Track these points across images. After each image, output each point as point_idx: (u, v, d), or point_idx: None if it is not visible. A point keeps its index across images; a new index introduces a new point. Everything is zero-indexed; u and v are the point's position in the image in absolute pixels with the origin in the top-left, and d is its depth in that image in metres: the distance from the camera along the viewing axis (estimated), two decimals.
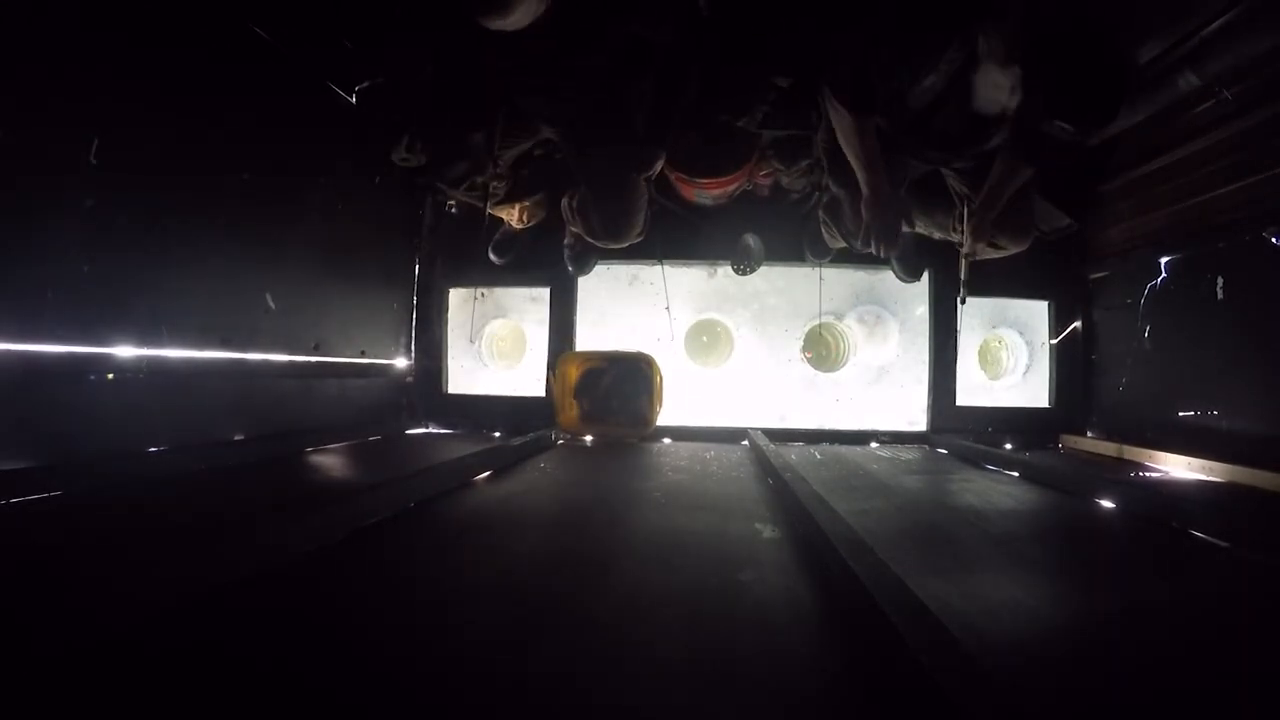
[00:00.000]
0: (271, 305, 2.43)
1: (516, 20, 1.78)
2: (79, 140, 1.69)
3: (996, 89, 1.88)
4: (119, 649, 0.84)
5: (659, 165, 2.61)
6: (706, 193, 3.14)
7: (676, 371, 3.59)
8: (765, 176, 3.23)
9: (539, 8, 1.80)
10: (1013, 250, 2.60)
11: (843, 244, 3.03)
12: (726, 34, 2.55)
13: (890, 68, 1.98)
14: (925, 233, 2.91)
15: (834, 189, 2.68)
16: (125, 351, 1.87)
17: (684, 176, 2.96)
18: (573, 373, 3.25)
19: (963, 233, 2.54)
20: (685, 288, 3.67)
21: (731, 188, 3.15)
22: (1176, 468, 2.47)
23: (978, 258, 2.75)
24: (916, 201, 2.90)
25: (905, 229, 3.02)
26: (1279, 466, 2.10)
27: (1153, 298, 2.79)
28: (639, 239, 2.87)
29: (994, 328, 3.62)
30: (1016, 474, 2.41)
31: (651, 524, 1.62)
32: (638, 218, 2.73)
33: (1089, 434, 3.22)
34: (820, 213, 3.05)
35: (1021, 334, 3.53)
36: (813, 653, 0.92)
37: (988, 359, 3.77)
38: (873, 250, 2.71)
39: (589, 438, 3.24)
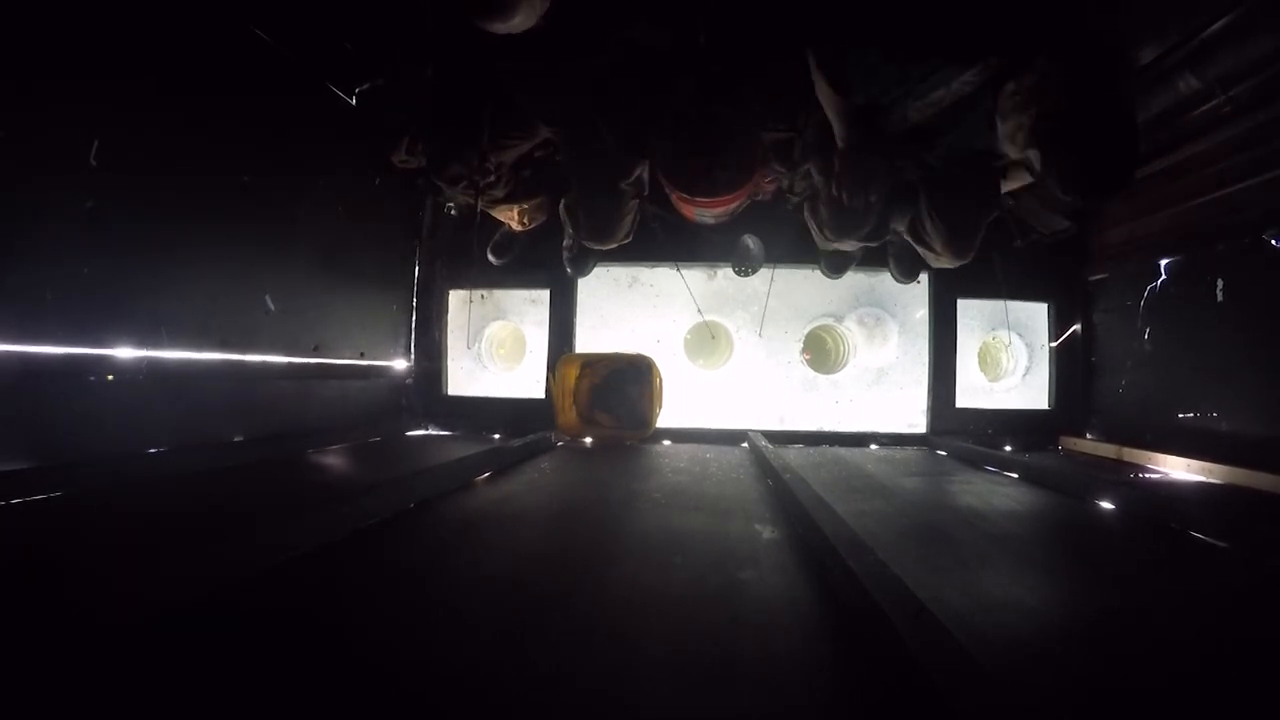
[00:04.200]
0: (271, 307, 2.43)
1: (518, 24, 1.77)
2: (79, 140, 1.69)
3: (1007, 141, 1.90)
4: (119, 648, 0.84)
5: (639, 170, 2.63)
6: (708, 211, 3.13)
7: (676, 373, 3.59)
8: (770, 183, 3.23)
9: (539, 10, 1.80)
10: (950, 263, 2.64)
11: (831, 246, 3.04)
12: (722, 34, 2.56)
13: (885, 70, 1.98)
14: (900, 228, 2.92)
15: (814, 176, 2.70)
16: (125, 353, 1.86)
17: (685, 197, 2.95)
18: (572, 374, 3.24)
19: (921, 235, 2.59)
20: (685, 290, 3.67)
21: (733, 205, 3.14)
22: (1176, 469, 2.48)
23: (931, 264, 2.80)
24: (898, 198, 2.91)
25: (895, 226, 3.04)
26: (1277, 468, 2.10)
27: (1152, 300, 2.80)
28: (626, 240, 2.88)
29: (993, 330, 3.62)
30: (1016, 475, 2.41)
31: (652, 525, 1.62)
32: (624, 220, 2.74)
33: (1088, 436, 3.22)
34: (805, 212, 3.07)
35: (1021, 336, 3.53)
36: (813, 651, 0.92)
37: (987, 361, 3.77)
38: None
39: (589, 439, 3.24)
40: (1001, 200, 2.71)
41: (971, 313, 3.52)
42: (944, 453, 3.10)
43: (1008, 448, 3.23)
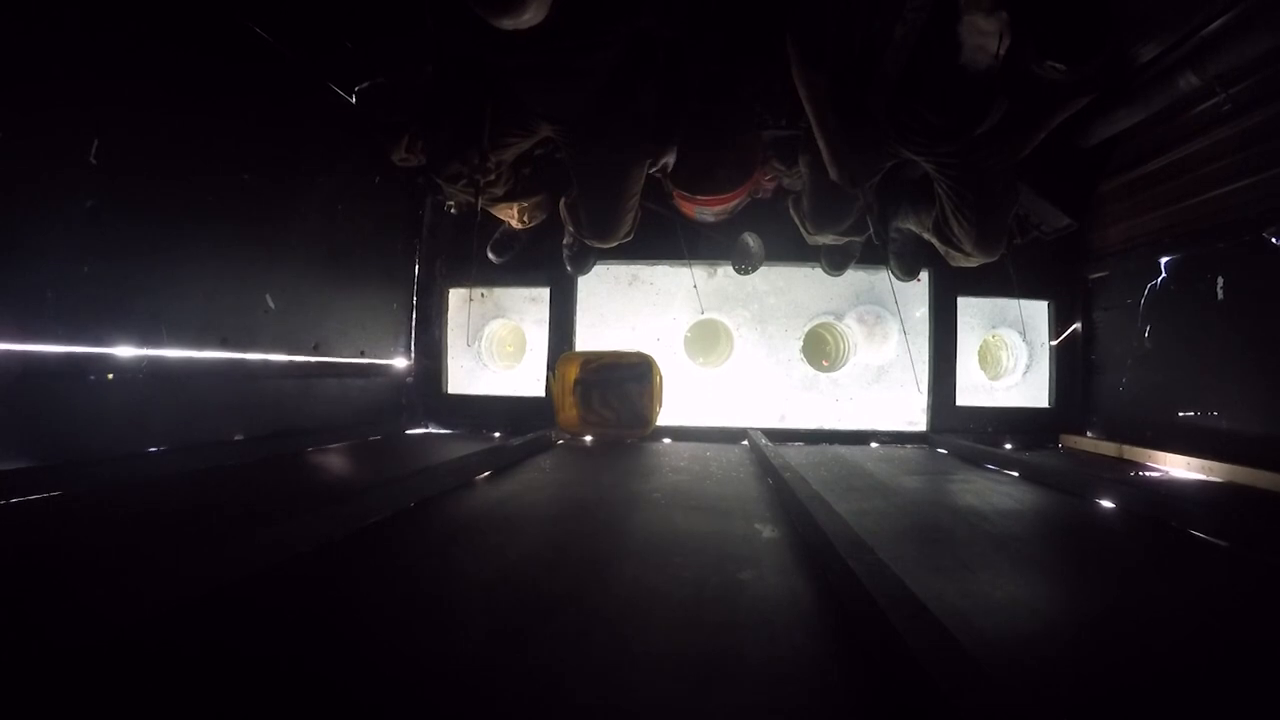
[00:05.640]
0: (271, 305, 2.43)
1: (529, 19, 1.75)
2: (79, 140, 1.69)
3: (982, 36, 1.84)
4: (119, 648, 0.84)
5: (668, 158, 2.62)
6: (708, 209, 3.14)
7: (676, 371, 3.60)
8: (770, 180, 3.23)
9: (548, 5, 1.78)
10: (980, 261, 2.62)
11: (819, 240, 3.03)
12: (728, 28, 2.56)
13: (848, 18, 1.96)
14: (917, 230, 2.92)
15: (802, 169, 2.70)
16: (125, 352, 1.87)
17: (685, 194, 2.96)
18: (572, 373, 3.25)
19: (949, 237, 2.56)
20: (685, 287, 3.67)
21: (733, 204, 3.14)
22: (1176, 467, 2.48)
23: (953, 264, 2.78)
24: (907, 199, 2.91)
25: (900, 225, 3.04)
26: (1278, 466, 2.10)
27: (1153, 298, 2.80)
28: (627, 239, 2.88)
29: (994, 328, 3.62)
30: (1016, 474, 2.41)
31: (652, 524, 1.62)
32: (626, 217, 2.74)
33: (1089, 434, 3.22)
34: (789, 206, 3.07)
35: (1021, 334, 3.53)
36: (813, 651, 0.92)
37: (988, 359, 3.77)
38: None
39: (589, 438, 3.24)
40: (1020, 194, 2.69)
41: (972, 311, 3.52)
42: (944, 451, 3.10)
43: (1008, 446, 3.23)
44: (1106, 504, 1.94)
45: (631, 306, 3.71)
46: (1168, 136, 2.66)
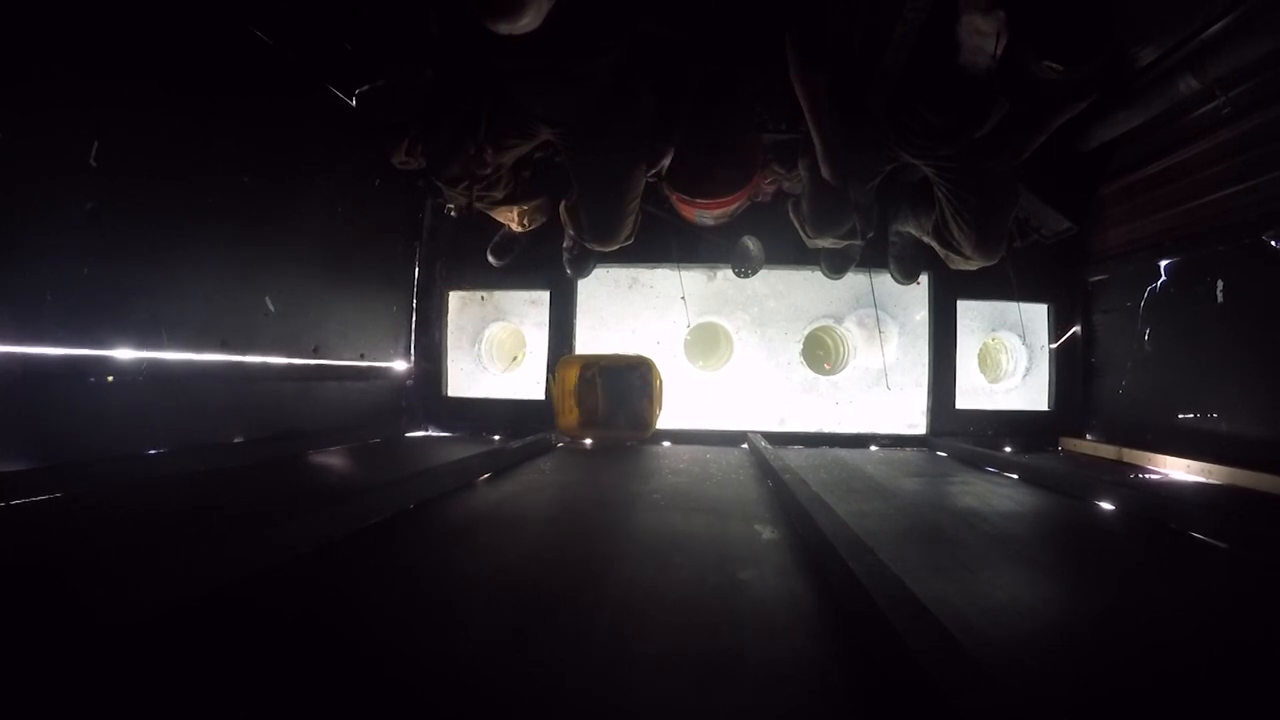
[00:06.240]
0: (271, 308, 2.43)
1: (526, 24, 1.74)
2: (78, 141, 1.69)
3: (980, 36, 1.83)
4: (120, 648, 0.84)
5: (666, 161, 2.62)
6: (708, 213, 3.14)
7: (676, 374, 3.60)
8: (770, 184, 3.24)
9: (545, 10, 1.76)
10: (979, 264, 2.61)
11: (819, 243, 3.03)
12: (728, 30, 2.56)
13: (849, 17, 1.96)
14: (917, 234, 2.92)
15: (801, 172, 2.70)
16: (125, 354, 1.86)
17: (684, 198, 2.96)
18: (572, 376, 3.24)
19: (949, 240, 2.56)
20: (686, 291, 3.67)
21: (732, 207, 3.14)
22: (1176, 470, 2.48)
23: (953, 267, 2.78)
24: (907, 202, 2.91)
25: (900, 229, 3.04)
26: (1277, 469, 2.10)
27: (1152, 301, 2.80)
28: (628, 242, 2.88)
29: (993, 331, 3.62)
30: (1016, 476, 2.41)
31: (652, 525, 1.62)
32: (627, 220, 2.74)
33: (1088, 437, 3.22)
34: (789, 209, 3.07)
35: (1021, 337, 3.53)
36: (813, 652, 0.92)
37: (987, 362, 3.77)
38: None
39: (588, 440, 3.24)
40: (1020, 197, 2.69)
41: (971, 314, 3.53)
42: (944, 454, 3.10)
43: (1008, 449, 3.23)
44: (1106, 506, 1.94)
45: (631, 310, 3.71)
46: (1167, 140, 2.66)
